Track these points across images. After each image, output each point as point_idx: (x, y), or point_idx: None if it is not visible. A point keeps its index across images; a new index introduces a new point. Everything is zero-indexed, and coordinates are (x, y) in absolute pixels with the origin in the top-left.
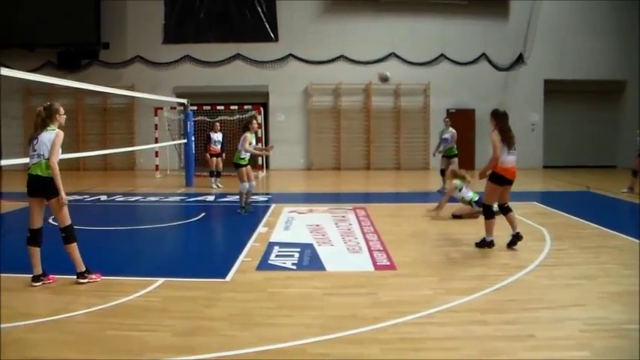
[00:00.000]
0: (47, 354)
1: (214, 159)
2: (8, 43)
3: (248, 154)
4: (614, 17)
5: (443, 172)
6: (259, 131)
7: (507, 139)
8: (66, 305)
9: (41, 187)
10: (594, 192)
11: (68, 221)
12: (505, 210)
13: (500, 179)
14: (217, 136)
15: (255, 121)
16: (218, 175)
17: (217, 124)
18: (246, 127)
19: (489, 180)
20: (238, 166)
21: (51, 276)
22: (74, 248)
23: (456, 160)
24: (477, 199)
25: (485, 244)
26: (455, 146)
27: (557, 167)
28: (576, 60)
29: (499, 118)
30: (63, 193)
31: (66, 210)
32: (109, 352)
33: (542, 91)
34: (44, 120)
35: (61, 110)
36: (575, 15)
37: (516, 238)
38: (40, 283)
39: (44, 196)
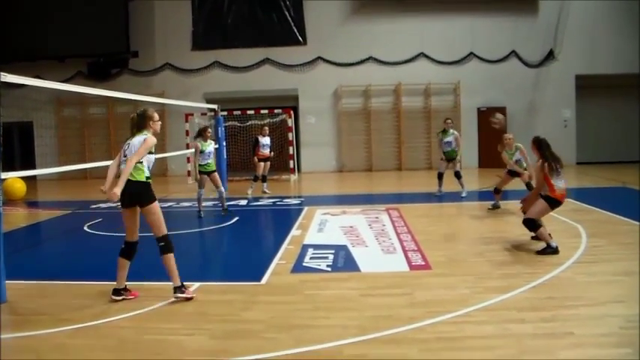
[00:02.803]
0: (88, 359)
1: (262, 163)
2: (39, 54)
3: (207, 161)
4: None
5: (442, 176)
6: (290, 135)
7: (555, 165)
8: (104, 311)
9: (134, 192)
10: (631, 187)
11: (164, 231)
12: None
13: (555, 203)
14: (266, 140)
15: (208, 131)
16: (264, 179)
17: (266, 128)
18: (199, 134)
19: (544, 199)
20: (211, 171)
21: (134, 292)
22: (170, 259)
23: (456, 162)
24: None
25: (551, 249)
26: (456, 148)
27: (591, 163)
28: (608, 54)
29: (542, 148)
30: (116, 188)
31: (162, 219)
32: (148, 357)
33: (573, 86)
34: (134, 127)
35: (156, 117)
36: (605, 8)
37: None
38: (121, 298)
39: (138, 203)
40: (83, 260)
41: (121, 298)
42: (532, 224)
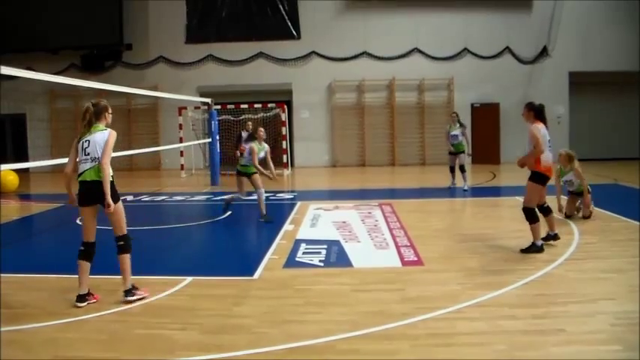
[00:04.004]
0: (79, 353)
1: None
2: (33, 46)
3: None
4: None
5: (453, 169)
6: (284, 129)
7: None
8: (95, 305)
9: (99, 193)
10: (622, 184)
11: (125, 230)
12: (546, 211)
13: (543, 178)
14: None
15: (260, 130)
16: None
17: (249, 123)
18: (251, 136)
19: (532, 180)
20: (250, 174)
21: (96, 295)
22: (127, 259)
23: (462, 155)
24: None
25: (535, 248)
26: (463, 141)
27: (584, 160)
28: (602, 51)
29: (537, 111)
30: (109, 199)
31: (124, 218)
32: (139, 351)
33: (567, 83)
34: (92, 117)
35: (109, 109)
36: (599, 5)
37: (552, 237)
38: (85, 304)
39: (102, 203)
40: (75, 253)
41: (85, 304)
42: (531, 213)
